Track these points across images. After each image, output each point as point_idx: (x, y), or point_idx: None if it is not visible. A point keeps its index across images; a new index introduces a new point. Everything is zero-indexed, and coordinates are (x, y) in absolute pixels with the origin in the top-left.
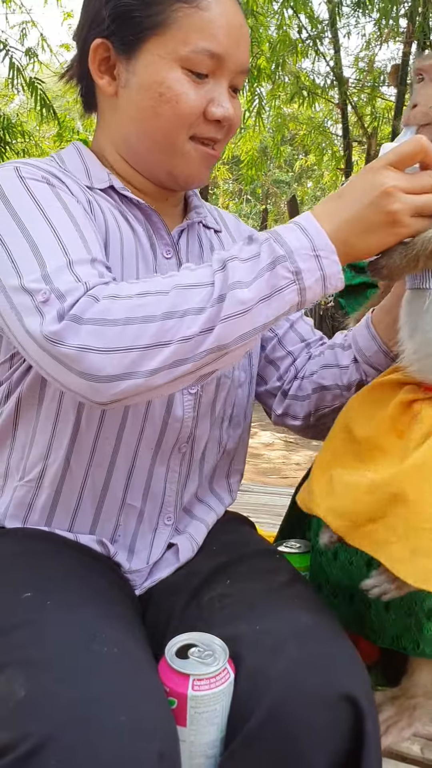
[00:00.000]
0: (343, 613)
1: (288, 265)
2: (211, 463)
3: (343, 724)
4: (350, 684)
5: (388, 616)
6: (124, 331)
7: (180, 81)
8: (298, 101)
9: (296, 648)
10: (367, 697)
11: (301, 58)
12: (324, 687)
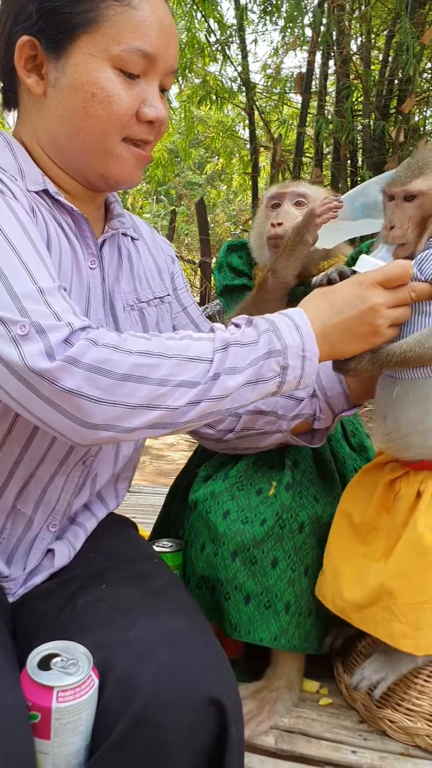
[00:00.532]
0: (207, 604)
1: (280, 360)
2: (105, 474)
3: (209, 728)
4: (217, 688)
5: (247, 608)
6: (119, 385)
7: (112, 81)
8: (207, 104)
9: (166, 653)
10: (232, 701)
11: (209, 62)
12: (191, 691)
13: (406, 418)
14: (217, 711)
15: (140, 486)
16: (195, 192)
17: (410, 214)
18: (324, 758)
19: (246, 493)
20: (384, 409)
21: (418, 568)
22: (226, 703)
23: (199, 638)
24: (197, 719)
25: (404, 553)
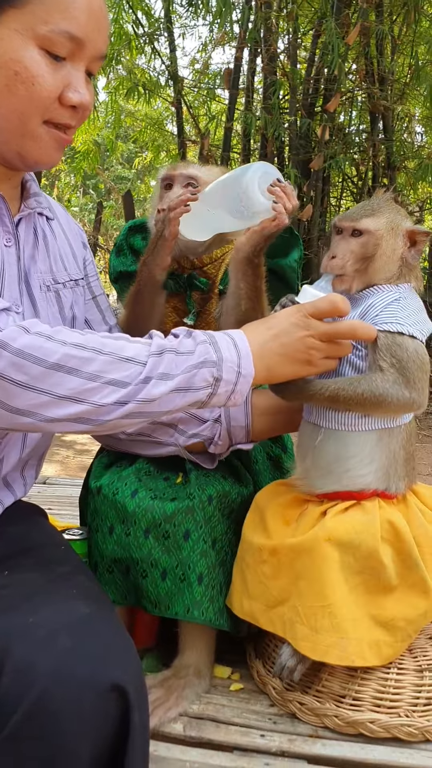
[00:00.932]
0: (120, 587)
1: (214, 371)
2: (12, 459)
3: (111, 714)
4: (119, 674)
5: (164, 584)
6: (48, 374)
7: (37, 62)
8: (134, 97)
9: (68, 639)
10: (136, 687)
11: (136, 54)
12: (93, 677)
13: (325, 462)
14: (119, 697)
15: (58, 478)
16: (124, 186)
17: (353, 249)
18: (232, 743)
19: (153, 478)
20: (304, 453)
21: (318, 571)
22: (129, 689)
23: (103, 624)
24: (98, 706)
25: (308, 557)
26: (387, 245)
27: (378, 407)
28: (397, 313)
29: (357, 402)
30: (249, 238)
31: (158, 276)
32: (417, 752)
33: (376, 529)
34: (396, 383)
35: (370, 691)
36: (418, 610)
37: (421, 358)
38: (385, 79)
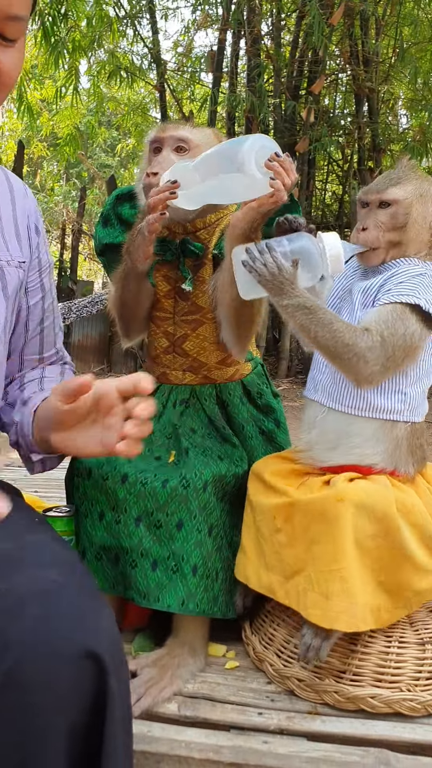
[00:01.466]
0: (108, 575)
1: None
2: None
3: (86, 682)
4: (94, 641)
5: (154, 574)
6: None
7: None
8: (116, 81)
9: (39, 606)
10: (112, 653)
11: (118, 37)
12: (66, 645)
13: (332, 435)
14: (94, 665)
15: None
16: (107, 173)
17: (383, 221)
18: (229, 722)
19: (144, 458)
20: (310, 426)
21: (331, 534)
22: (104, 656)
23: (76, 590)
24: (72, 675)
25: (322, 519)
26: (417, 213)
27: (336, 357)
28: (418, 287)
29: (323, 336)
30: (245, 214)
31: (140, 267)
32: (419, 727)
33: (389, 494)
34: (370, 350)
35: (370, 666)
36: (428, 583)
37: (411, 343)
38: (370, 61)
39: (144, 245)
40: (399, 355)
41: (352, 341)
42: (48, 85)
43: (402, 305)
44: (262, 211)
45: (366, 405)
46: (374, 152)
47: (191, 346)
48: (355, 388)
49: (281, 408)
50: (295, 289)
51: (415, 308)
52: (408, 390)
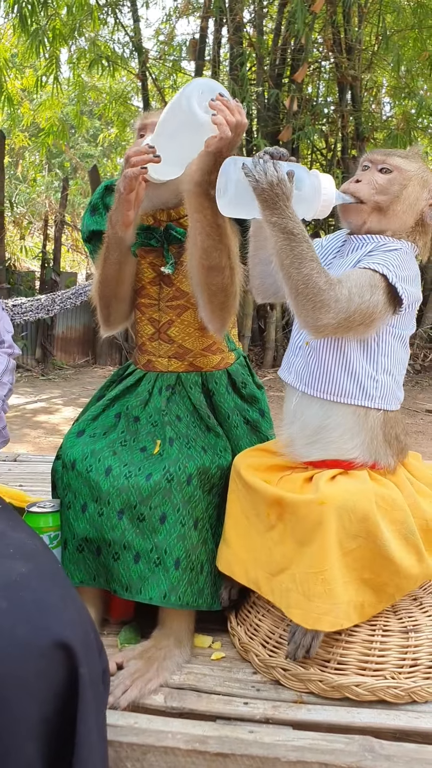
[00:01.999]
0: (89, 567)
1: None
2: None
3: (57, 671)
4: (63, 630)
5: (137, 567)
6: None
7: None
8: (98, 70)
9: (3, 599)
10: (82, 641)
11: (99, 25)
12: (35, 636)
13: (311, 430)
14: (64, 654)
15: (29, 455)
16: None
17: (379, 181)
18: (215, 712)
19: (129, 449)
20: (291, 419)
21: (315, 537)
22: (74, 644)
23: (42, 580)
24: (42, 666)
25: (306, 522)
26: (412, 191)
27: (301, 295)
28: (390, 260)
29: (297, 269)
30: (197, 162)
31: (121, 233)
32: (403, 713)
33: (370, 492)
34: (336, 301)
35: (355, 654)
36: (409, 578)
37: (372, 311)
38: (353, 49)
39: (123, 207)
40: (357, 318)
41: (323, 286)
42: (29, 74)
43: (374, 273)
44: (211, 151)
45: (338, 390)
46: (358, 141)
47: (176, 332)
48: (326, 373)
49: (265, 398)
50: (289, 208)
51: (384, 280)
52: (380, 378)
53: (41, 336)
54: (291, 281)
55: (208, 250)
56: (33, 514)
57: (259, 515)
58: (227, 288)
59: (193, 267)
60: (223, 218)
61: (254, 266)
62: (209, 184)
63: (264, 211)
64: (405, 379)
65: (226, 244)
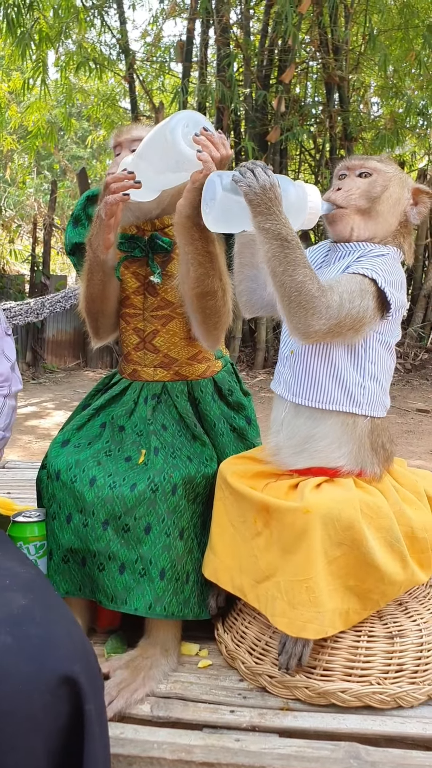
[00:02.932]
0: (75, 578)
1: None
2: None
3: (63, 708)
4: (68, 664)
5: (122, 578)
6: None
7: None
8: (85, 72)
9: (9, 634)
10: (88, 674)
11: (85, 27)
12: (41, 672)
13: (298, 439)
14: (70, 690)
15: (18, 462)
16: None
17: (359, 186)
18: (201, 721)
19: (113, 459)
20: (277, 428)
21: (300, 545)
22: (80, 679)
23: (44, 612)
24: (48, 702)
25: (291, 530)
26: (393, 191)
27: (292, 301)
28: (381, 266)
29: (290, 275)
30: (185, 196)
31: (102, 256)
32: (389, 719)
33: (355, 500)
34: (327, 308)
35: (340, 661)
36: (394, 584)
37: (362, 317)
38: (340, 49)
39: (103, 232)
40: (347, 323)
41: (316, 293)
42: (15, 77)
43: (364, 278)
44: (197, 187)
45: (326, 398)
46: (346, 141)
47: (161, 342)
48: (314, 381)
49: (252, 405)
50: (281, 214)
51: (373, 284)
52: (367, 384)
53: (31, 339)
54: (284, 288)
55: (201, 277)
56: (19, 524)
57: (246, 522)
58: (220, 309)
59: (187, 294)
60: (214, 245)
61: (240, 282)
62: (199, 217)
63: (256, 218)
64: (395, 378)
65: (218, 269)
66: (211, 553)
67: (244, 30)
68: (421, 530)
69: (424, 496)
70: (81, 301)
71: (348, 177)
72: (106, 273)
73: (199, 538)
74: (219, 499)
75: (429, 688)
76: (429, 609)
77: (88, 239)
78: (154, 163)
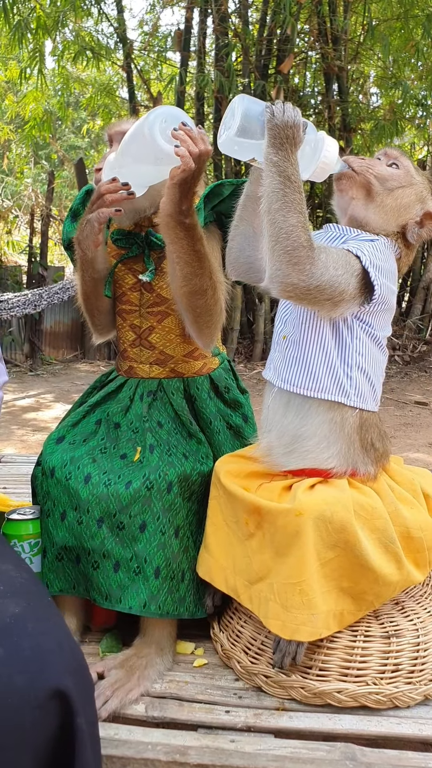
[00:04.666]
0: (69, 576)
1: None
2: None
3: (52, 720)
4: (60, 678)
5: (116, 576)
6: None
7: None
8: (82, 61)
9: (0, 645)
10: (79, 688)
11: (82, 16)
12: (32, 685)
13: (288, 438)
14: (60, 703)
15: (14, 456)
16: (76, 155)
17: (381, 169)
18: (196, 721)
19: (109, 456)
20: (269, 426)
21: (293, 548)
22: (71, 693)
23: (36, 622)
24: (37, 716)
25: (284, 532)
26: (408, 194)
27: (279, 245)
28: (365, 246)
29: (283, 216)
30: (166, 194)
31: (91, 254)
32: (385, 719)
33: (348, 502)
34: (310, 262)
35: (336, 661)
36: (389, 586)
37: (341, 290)
38: (339, 39)
39: (93, 234)
40: (327, 291)
41: (304, 243)
42: (12, 66)
43: (348, 254)
44: (176, 183)
45: (314, 384)
46: (345, 131)
47: (157, 339)
48: (304, 367)
49: (249, 403)
50: (294, 155)
51: (358, 262)
52: (354, 375)
53: (29, 331)
54: (274, 227)
55: (188, 276)
56: (13, 521)
57: (239, 522)
58: (211, 308)
59: (176, 292)
60: (201, 243)
61: (234, 237)
62: (181, 214)
63: (268, 148)
64: (394, 371)
65: (206, 267)
66: (205, 552)
67: (242, 19)
68: (417, 530)
69: (420, 494)
70: (78, 298)
71: (380, 161)
72: (96, 270)
73: (194, 537)
74: (214, 497)
75: (425, 688)
76: (426, 608)
77: (77, 238)
78: (136, 159)
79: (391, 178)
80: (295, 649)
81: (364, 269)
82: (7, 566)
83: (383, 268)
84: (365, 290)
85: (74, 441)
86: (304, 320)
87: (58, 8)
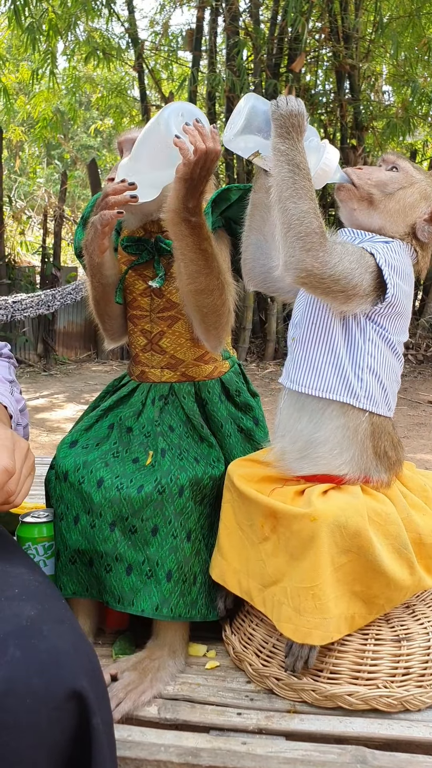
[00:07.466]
0: (82, 579)
1: None
2: None
3: (69, 721)
4: (76, 679)
5: (129, 579)
6: None
7: None
8: (93, 62)
9: (18, 647)
10: (95, 689)
11: (93, 17)
12: (48, 687)
13: (301, 443)
14: (77, 704)
15: None
16: (89, 155)
17: (380, 175)
18: (208, 723)
19: (121, 461)
20: (283, 431)
21: (307, 552)
22: (87, 694)
23: (52, 624)
24: (55, 717)
25: (298, 537)
26: (411, 194)
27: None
28: (381, 248)
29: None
30: (172, 189)
31: (98, 259)
32: (396, 723)
33: (362, 508)
34: (324, 249)
35: (347, 664)
36: (401, 590)
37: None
38: (350, 37)
39: (98, 239)
40: (339, 283)
41: (317, 229)
42: (22, 68)
43: (364, 251)
44: (180, 177)
45: (324, 385)
46: (357, 130)
47: (168, 343)
48: (313, 368)
49: (260, 406)
50: (300, 142)
51: (372, 259)
52: (365, 377)
53: (42, 331)
54: (285, 215)
55: (194, 275)
56: (27, 524)
57: (253, 526)
58: (218, 308)
59: (183, 291)
60: (208, 242)
61: (246, 248)
62: (187, 211)
63: (275, 138)
64: (407, 370)
65: (213, 266)
66: (218, 555)
67: (253, 18)
68: (429, 536)
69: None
70: (89, 303)
71: (378, 167)
72: (105, 276)
73: (206, 540)
74: (227, 501)
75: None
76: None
77: (84, 244)
78: (150, 159)
79: (391, 182)
80: (307, 652)
81: (378, 267)
82: (21, 569)
83: (397, 268)
84: (379, 289)
85: (87, 445)
86: (314, 321)
87: (70, 9)
